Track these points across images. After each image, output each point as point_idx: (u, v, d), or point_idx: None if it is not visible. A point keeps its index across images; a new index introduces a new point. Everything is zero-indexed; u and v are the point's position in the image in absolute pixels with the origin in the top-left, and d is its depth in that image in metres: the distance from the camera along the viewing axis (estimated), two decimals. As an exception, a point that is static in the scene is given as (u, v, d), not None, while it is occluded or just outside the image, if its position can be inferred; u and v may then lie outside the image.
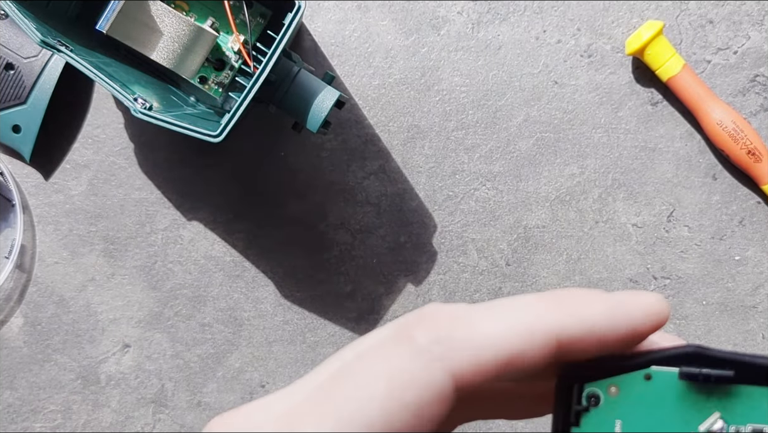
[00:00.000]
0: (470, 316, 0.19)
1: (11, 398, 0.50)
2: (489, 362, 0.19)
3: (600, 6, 0.49)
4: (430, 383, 0.19)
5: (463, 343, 0.19)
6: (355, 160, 0.50)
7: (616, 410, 0.19)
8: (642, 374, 0.19)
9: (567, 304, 0.19)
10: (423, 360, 0.19)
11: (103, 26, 0.41)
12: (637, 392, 0.19)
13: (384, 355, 0.19)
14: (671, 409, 0.19)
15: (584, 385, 0.19)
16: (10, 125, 0.48)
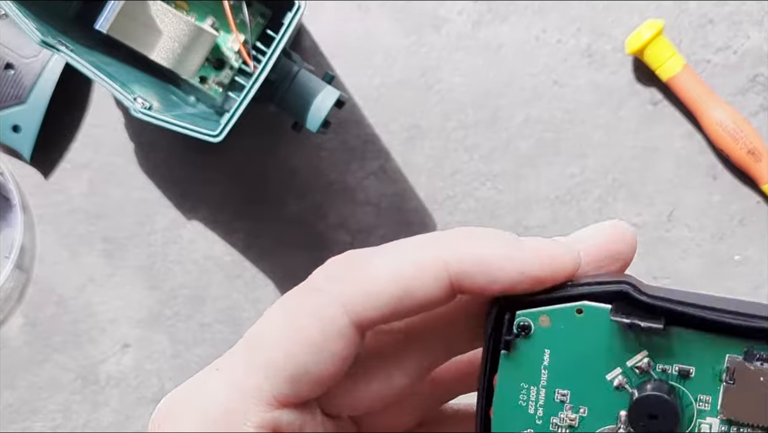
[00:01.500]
0: (365, 255, 0.20)
1: (11, 398, 0.50)
2: (381, 296, 0.19)
3: (600, 6, 0.49)
4: (323, 318, 0.20)
5: (354, 278, 0.20)
6: (355, 160, 0.50)
7: (546, 341, 0.20)
8: (574, 307, 0.20)
9: (462, 241, 0.20)
10: (316, 297, 0.20)
11: (103, 26, 0.41)
12: (568, 324, 0.20)
13: (289, 302, 0.21)
14: (600, 343, 0.20)
15: (516, 313, 0.20)
16: (10, 125, 0.48)
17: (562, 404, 0.20)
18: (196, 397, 0.21)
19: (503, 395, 0.20)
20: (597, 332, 0.20)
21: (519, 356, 0.20)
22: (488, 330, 0.20)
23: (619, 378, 0.20)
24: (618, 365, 0.20)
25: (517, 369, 0.20)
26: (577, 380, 0.20)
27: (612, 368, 0.20)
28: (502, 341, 0.20)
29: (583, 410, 0.20)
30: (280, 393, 0.20)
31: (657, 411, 0.19)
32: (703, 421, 0.20)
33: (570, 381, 0.20)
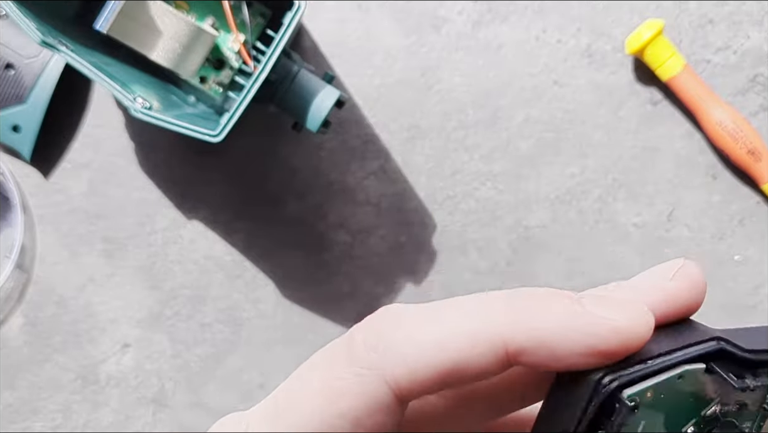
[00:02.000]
0: (411, 319, 0.18)
1: (11, 398, 0.50)
2: (428, 369, 0.18)
3: (600, 6, 0.49)
4: (364, 393, 0.18)
5: (399, 349, 0.18)
6: (355, 160, 0.50)
7: (646, 414, 0.18)
8: (677, 375, 0.18)
9: (521, 308, 0.18)
10: (356, 368, 0.18)
11: (103, 26, 0.41)
12: (668, 392, 0.18)
13: (326, 364, 0.19)
14: (687, 399, 0.19)
15: (624, 391, 0.18)
16: (10, 125, 0.48)
17: None
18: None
19: None
20: (689, 391, 0.19)
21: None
22: (588, 413, 0.18)
23: (691, 429, 0.19)
24: (694, 417, 0.19)
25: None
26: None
27: (689, 421, 0.19)
28: (612, 425, 0.18)
29: None
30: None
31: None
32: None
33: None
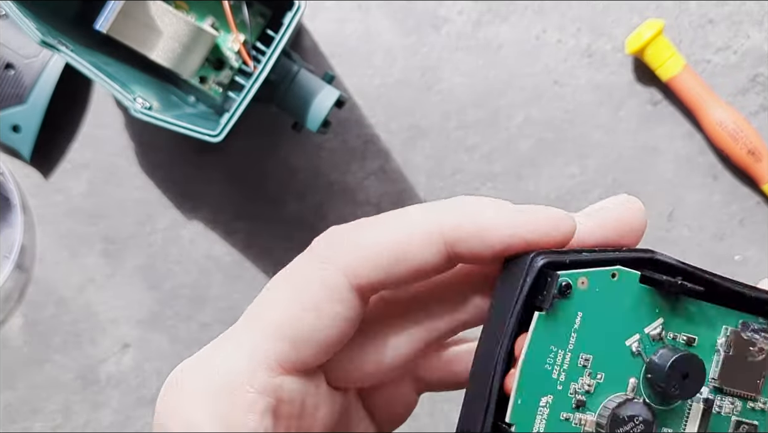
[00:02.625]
0: (364, 223, 0.21)
1: (11, 398, 0.50)
2: (378, 260, 0.20)
3: (600, 6, 0.49)
4: (324, 282, 0.21)
5: (353, 244, 0.21)
6: (355, 160, 0.50)
7: (581, 304, 0.20)
8: (610, 271, 0.20)
9: (456, 207, 0.20)
10: (317, 263, 0.21)
11: (103, 26, 0.41)
12: (602, 288, 0.20)
13: (292, 265, 0.22)
14: (625, 310, 0.20)
15: (559, 273, 0.20)
16: (10, 125, 0.48)
17: (583, 369, 0.20)
18: (202, 364, 0.22)
19: (533, 358, 0.20)
20: (625, 298, 0.20)
21: (555, 318, 0.20)
22: (524, 289, 0.19)
23: (636, 344, 0.20)
24: (637, 331, 0.20)
25: (551, 331, 0.20)
26: (600, 345, 0.20)
27: (631, 334, 0.20)
28: (545, 299, 0.19)
29: (600, 376, 0.20)
30: (284, 358, 0.21)
31: (690, 370, 0.20)
32: None
33: (594, 346, 0.20)
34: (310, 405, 0.22)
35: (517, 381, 0.19)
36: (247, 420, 0.20)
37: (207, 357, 0.22)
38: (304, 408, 0.21)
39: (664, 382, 0.20)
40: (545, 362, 0.20)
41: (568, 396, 0.20)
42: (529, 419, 0.19)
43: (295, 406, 0.21)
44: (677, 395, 0.20)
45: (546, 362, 0.20)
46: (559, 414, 0.20)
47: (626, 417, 0.20)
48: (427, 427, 0.49)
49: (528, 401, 0.19)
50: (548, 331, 0.20)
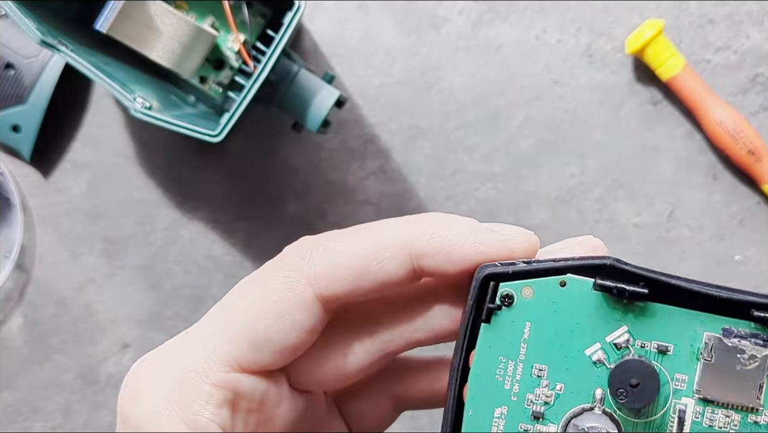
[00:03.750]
0: (334, 235, 0.22)
1: (11, 398, 0.50)
2: (344, 273, 0.21)
3: (600, 6, 0.49)
4: (289, 290, 0.21)
5: (321, 255, 0.22)
6: (355, 160, 0.50)
7: (528, 313, 0.20)
8: (557, 280, 0.20)
9: (423, 224, 0.21)
10: (285, 271, 0.22)
11: (103, 26, 0.41)
12: (551, 297, 0.20)
13: (261, 273, 0.22)
14: (581, 318, 0.20)
15: (500, 284, 0.20)
16: (10, 125, 0.48)
17: (539, 380, 0.20)
18: (163, 358, 0.22)
19: (480, 370, 0.20)
20: (579, 306, 0.20)
21: (499, 328, 0.20)
22: (471, 302, 0.20)
23: (597, 353, 0.20)
24: (597, 340, 0.20)
25: (496, 342, 0.20)
26: (556, 355, 0.20)
27: (591, 343, 0.20)
28: (484, 310, 0.20)
29: (560, 386, 0.20)
30: (243, 357, 0.21)
31: (640, 378, 0.19)
32: (678, 401, 0.20)
33: (549, 356, 0.20)
34: (271, 402, 0.22)
35: (467, 393, 0.20)
36: (203, 411, 0.20)
37: (167, 352, 0.22)
38: (263, 404, 0.22)
39: (611, 390, 0.19)
40: (495, 373, 0.20)
41: (524, 407, 0.20)
42: (483, 429, 0.20)
43: (254, 402, 0.22)
44: (624, 403, 0.19)
45: (496, 373, 0.20)
46: (518, 425, 0.20)
47: (585, 428, 0.19)
48: (426, 427, 0.49)
49: (480, 412, 0.19)
50: (494, 342, 0.20)
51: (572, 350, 0.20)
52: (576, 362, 0.20)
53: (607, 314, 0.20)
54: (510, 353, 0.20)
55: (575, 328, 0.20)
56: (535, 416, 0.20)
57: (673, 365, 0.20)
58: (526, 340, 0.20)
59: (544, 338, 0.20)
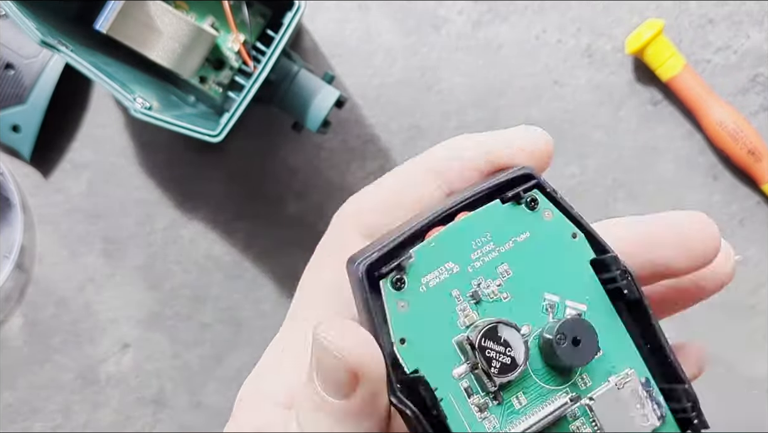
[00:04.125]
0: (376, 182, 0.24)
1: (11, 398, 0.50)
2: (383, 200, 0.23)
3: (600, 6, 0.49)
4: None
5: (366, 195, 0.24)
6: (355, 160, 0.50)
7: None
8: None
9: (445, 143, 0.22)
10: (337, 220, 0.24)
11: (103, 26, 0.41)
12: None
13: (330, 260, 0.23)
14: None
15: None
16: (10, 125, 0.48)
17: (497, 277, 0.20)
18: (264, 383, 0.22)
19: (466, 227, 0.20)
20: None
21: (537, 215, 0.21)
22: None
23: (553, 299, 0.21)
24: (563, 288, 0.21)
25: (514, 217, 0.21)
26: (527, 273, 0.21)
27: (556, 288, 0.21)
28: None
29: (507, 295, 0.20)
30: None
31: (583, 338, 0.20)
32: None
33: (521, 271, 0.21)
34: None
35: (435, 235, 0.20)
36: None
37: (267, 374, 0.22)
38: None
39: (556, 331, 0.20)
40: (474, 238, 0.20)
41: (470, 280, 0.20)
42: (426, 268, 0.20)
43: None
44: (560, 350, 0.19)
45: (473, 240, 0.20)
46: (453, 289, 0.20)
47: (501, 338, 0.19)
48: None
49: (436, 252, 0.20)
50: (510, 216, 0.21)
51: (539, 284, 0.20)
52: (534, 294, 0.20)
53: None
54: (499, 239, 0.21)
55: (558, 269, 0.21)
56: (473, 295, 0.20)
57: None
58: (520, 244, 0.21)
59: (533, 252, 0.21)
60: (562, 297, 0.20)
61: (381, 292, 0.20)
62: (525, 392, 0.20)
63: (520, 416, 0.20)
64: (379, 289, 0.20)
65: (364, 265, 0.20)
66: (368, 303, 0.20)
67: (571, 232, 0.21)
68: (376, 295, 0.20)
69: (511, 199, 0.21)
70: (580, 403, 0.20)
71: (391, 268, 0.20)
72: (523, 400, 0.20)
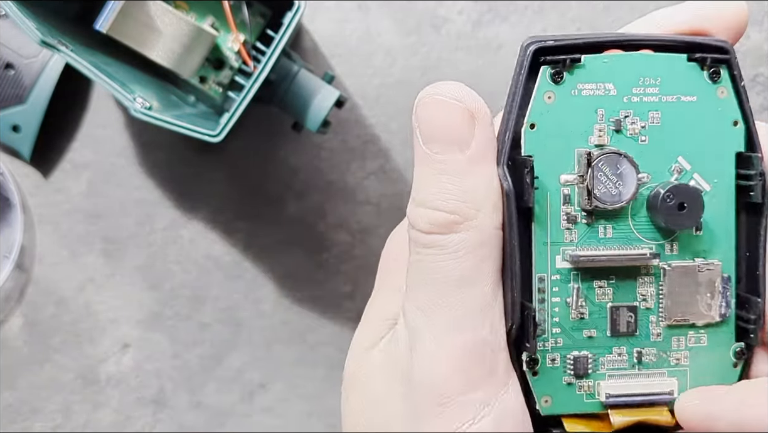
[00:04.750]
0: None
1: (11, 398, 0.50)
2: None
3: (600, 6, 0.49)
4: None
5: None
6: (355, 160, 0.50)
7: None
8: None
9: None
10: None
11: (103, 26, 0.41)
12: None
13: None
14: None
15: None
16: (10, 125, 0.48)
17: (632, 121, 0.21)
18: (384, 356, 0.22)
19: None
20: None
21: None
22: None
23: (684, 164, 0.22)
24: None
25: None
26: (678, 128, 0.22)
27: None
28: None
29: (646, 139, 0.21)
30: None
31: (689, 203, 0.20)
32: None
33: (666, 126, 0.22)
34: None
35: (612, 54, 0.21)
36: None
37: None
38: None
39: (664, 190, 0.20)
40: (645, 76, 0.21)
41: (620, 109, 0.21)
42: (588, 77, 0.21)
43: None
44: (660, 209, 0.20)
45: (642, 77, 0.21)
46: (601, 108, 0.21)
47: (618, 170, 0.20)
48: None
49: (605, 69, 0.21)
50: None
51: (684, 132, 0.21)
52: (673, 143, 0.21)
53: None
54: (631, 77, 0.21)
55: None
56: (616, 124, 0.21)
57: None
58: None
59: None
60: (693, 168, 0.21)
61: (536, 76, 0.21)
62: (615, 228, 0.21)
63: (600, 244, 0.21)
64: (536, 73, 0.21)
65: (535, 45, 0.20)
66: (519, 79, 0.21)
67: (735, 119, 0.21)
68: (531, 77, 0.21)
69: (698, 60, 0.21)
70: (658, 263, 0.21)
71: (557, 59, 0.20)
72: (609, 232, 0.21)
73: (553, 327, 0.21)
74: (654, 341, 0.21)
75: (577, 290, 0.20)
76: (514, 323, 0.20)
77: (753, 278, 0.21)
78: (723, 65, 0.22)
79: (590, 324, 0.21)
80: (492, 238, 0.20)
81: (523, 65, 0.21)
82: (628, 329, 0.21)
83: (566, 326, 0.21)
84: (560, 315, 0.21)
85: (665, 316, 0.21)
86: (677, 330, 0.21)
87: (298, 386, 0.50)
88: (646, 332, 0.21)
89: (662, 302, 0.21)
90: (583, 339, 0.21)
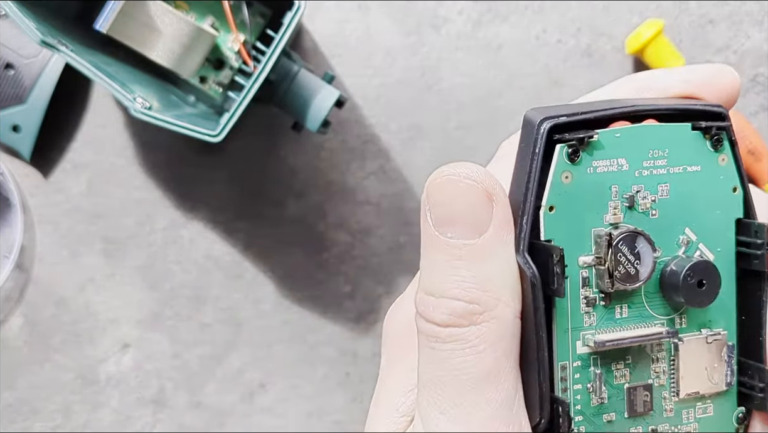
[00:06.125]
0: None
1: (11, 398, 0.50)
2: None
3: (600, 6, 0.49)
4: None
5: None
6: (355, 160, 0.50)
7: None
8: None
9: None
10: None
11: (103, 26, 0.41)
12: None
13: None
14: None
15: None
16: (10, 125, 0.48)
17: (645, 195, 0.21)
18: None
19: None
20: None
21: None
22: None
23: (691, 235, 0.21)
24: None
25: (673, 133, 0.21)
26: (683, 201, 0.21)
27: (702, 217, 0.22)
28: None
29: (656, 213, 0.21)
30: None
31: (707, 281, 0.20)
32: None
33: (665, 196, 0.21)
34: None
35: (623, 127, 0.20)
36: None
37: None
38: None
39: (682, 269, 0.20)
40: (653, 148, 0.20)
41: (632, 184, 0.20)
42: (603, 153, 0.20)
43: None
44: (682, 290, 0.20)
45: (651, 149, 0.20)
46: (614, 185, 0.20)
47: (636, 249, 0.20)
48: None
49: (617, 143, 0.20)
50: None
51: (693, 213, 0.21)
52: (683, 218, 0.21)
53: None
54: (634, 161, 0.20)
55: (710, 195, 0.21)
56: (629, 200, 0.20)
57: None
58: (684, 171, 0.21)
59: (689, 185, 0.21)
60: (698, 238, 0.21)
61: (552, 156, 0.20)
62: (630, 307, 0.20)
63: (617, 325, 0.20)
64: (551, 152, 0.20)
65: (549, 123, 0.20)
66: (534, 160, 0.20)
67: (734, 185, 0.21)
68: (545, 156, 0.20)
69: (702, 129, 0.21)
70: (672, 339, 0.21)
71: (573, 138, 0.20)
72: (624, 312, 0.20)
73: (575, 415, 0.20)
74: (667, 417, 0.21)
75: (599, 376, 0.20)
76: (543, 418, 0.19)
77: (755, 344, 0.21)
78: (723, 132, 0.21)
79: (609, 408, 0.20)
80: (512, 328, 0.19)
81: (537, 143, 0.19)
82: (645, 409, 0.20)
83: (587, 412, 0.20)
84: (582, 402, 0.20)
85: (676, 391, 0.21)
86: (687, 403, 0.21)
87: (298, 386, 0.50)
88: (660, 408, 0.21)
89: (674, 376, 0.21)
90: (603, 424, 0.20)
